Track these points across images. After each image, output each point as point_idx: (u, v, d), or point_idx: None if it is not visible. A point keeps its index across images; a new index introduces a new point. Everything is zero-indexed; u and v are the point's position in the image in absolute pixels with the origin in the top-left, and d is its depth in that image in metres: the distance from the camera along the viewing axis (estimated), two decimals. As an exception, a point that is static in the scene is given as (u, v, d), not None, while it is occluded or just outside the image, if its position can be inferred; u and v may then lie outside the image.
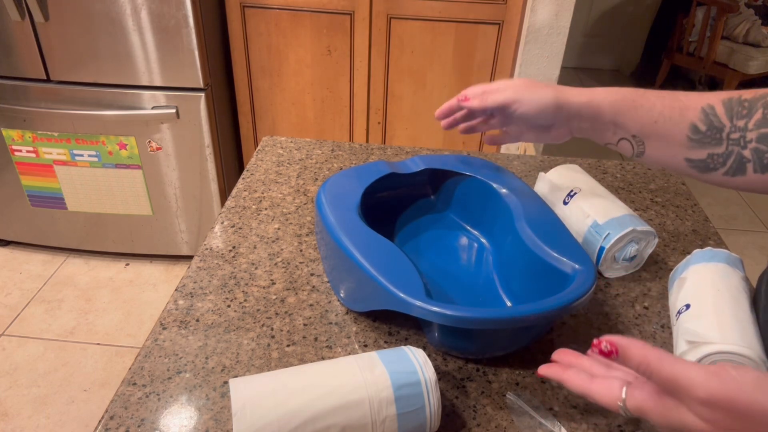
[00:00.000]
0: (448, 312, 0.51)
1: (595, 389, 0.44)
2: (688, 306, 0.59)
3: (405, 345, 0.54)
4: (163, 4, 1.48)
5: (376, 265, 0.56)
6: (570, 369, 0.47)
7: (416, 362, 0.49)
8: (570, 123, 0.62)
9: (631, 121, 0.57)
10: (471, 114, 0.69)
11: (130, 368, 0.57)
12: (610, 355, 0.40)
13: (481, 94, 0.65)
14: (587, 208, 0.72)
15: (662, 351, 0.39)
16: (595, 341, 0.41)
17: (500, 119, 0.68)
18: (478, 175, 0.72)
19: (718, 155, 0.54)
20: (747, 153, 0.52)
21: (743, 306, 0.57)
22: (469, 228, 0.75)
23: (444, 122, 0.71)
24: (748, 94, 0.53)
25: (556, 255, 0.59)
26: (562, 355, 0.49)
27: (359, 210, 0.65)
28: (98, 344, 1.69)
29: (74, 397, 1.53)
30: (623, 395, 0.42)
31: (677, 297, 0.62)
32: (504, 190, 0.70)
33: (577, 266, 0.57)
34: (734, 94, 0.54)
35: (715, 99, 0.54)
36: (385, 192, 0.74)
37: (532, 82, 0.63)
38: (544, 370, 0.49)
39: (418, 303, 0.52)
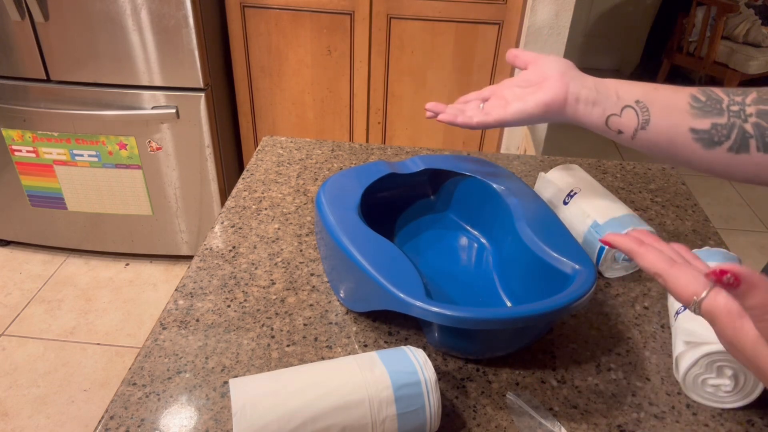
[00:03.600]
0: (448, 312, 0.51)
1: (674, 274, 0.40)
2: (686, 306, 0.59)
3: (405, 345, 0.54)
4: (163, 4, 1.48)
5: (375, 265, 0.56)
6: (646, 245, 0.43)
7: (416, 362, 0.49)
8: (573, 81, 0.59)
9: (634, 86, 0.58)
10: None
11: (130, 368, 0.57)
12: (730, 286, 0.36)
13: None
14: (587, 208, 0.72)
15: None
16: (716, 270, 0.35)
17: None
18: (477, 176, 0.72)
19: (721, 126, 0.54)
20: (749, 127, 0.53)
21: (743, 306, 0.57)
22: (468, 228, 0.75)
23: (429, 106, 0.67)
24: (740, 89, 0.56)
25: (556, 255, 0.59)
26: (638, 233, 0.45)
27: (359, 210, 0.65)
28: (98, 344, 1.69)
29: (74, 397, 1.53)
30: (704, 294, 0.39)
31: (677, 297, 0.62)
32: (504, 190, 0.70)
33: (577, 266, 0.57)
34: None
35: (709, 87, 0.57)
36: (385, 192, 0.74)
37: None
38: (612, 237, 0.44)
39: (418, 303, 0.52)
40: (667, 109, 0.57)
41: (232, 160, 1.93)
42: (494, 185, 0.70)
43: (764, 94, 0.53)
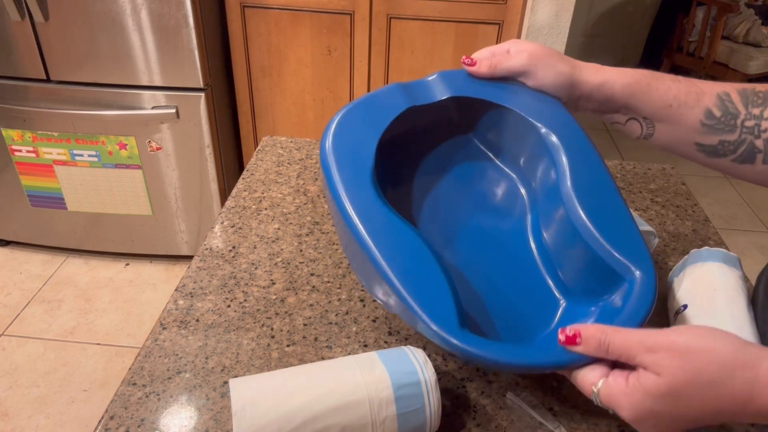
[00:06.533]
0: (489, 356, 0.47)
1: (574, 375, 0.46)
2: (685, 306, 0.59)
3: (405, 345, 0.54)
4: (163, 4, 1.48)
5: (400, 274, 0.49)
6: None
7: (416, 362, 0.49)
8: (578, 102, 0.59)
9: (644, 104, 0.55)
10: None
11: (130, 368, 0.57)
12: (574, 339, 0.44)
13: (491, 58, 0.58)
14: (587, 208, 0.71)
15: (617, 327, 0.43)
16: (560, 329, 0.45)
17: None
18: (523, 112, 0.57)
19: (729, 142, 0.54)
20: (759, 143, 0.52)
21: (740, 305, 0.57)
22: (510, 173, 0.62)
23: None
24: (761, 87, 0.53)
25: (611, 250, 0.52)
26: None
27: (373, 177, 0.53)
28: (98, 344, 1.69)
29: (74, 397, 1.53)
30: (599, 385, 0.43)
31: (675, 297, 0.62)
32: (555, 142, 0.56)
33: (636, 273, 0.50)
34: (748, 85, 0.54)
35: (730, 87, 0.54)
36: (404, 126, 0.58)
37: (548, 51, 0.57)
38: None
39: (468, 347, 0.47)
40: (676, 126, 0.55)
41: (232, 160, 1.93)
42: (543, 129, 0.56)
43: None
